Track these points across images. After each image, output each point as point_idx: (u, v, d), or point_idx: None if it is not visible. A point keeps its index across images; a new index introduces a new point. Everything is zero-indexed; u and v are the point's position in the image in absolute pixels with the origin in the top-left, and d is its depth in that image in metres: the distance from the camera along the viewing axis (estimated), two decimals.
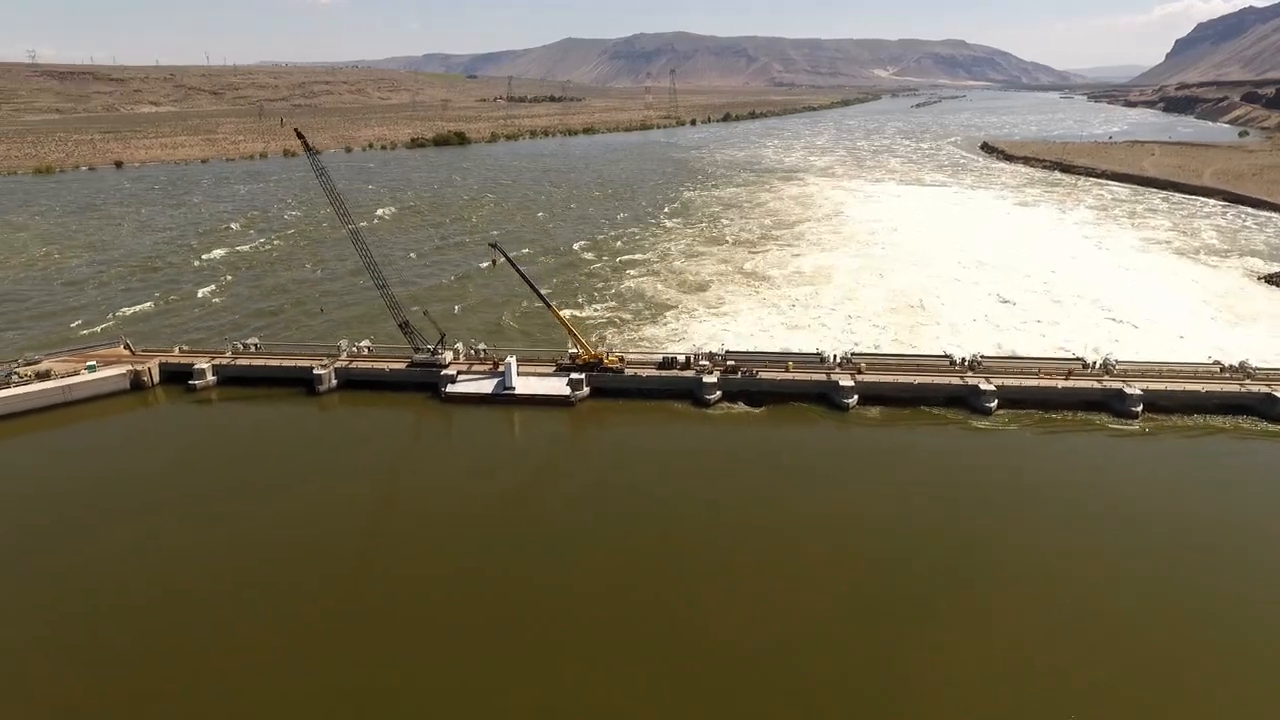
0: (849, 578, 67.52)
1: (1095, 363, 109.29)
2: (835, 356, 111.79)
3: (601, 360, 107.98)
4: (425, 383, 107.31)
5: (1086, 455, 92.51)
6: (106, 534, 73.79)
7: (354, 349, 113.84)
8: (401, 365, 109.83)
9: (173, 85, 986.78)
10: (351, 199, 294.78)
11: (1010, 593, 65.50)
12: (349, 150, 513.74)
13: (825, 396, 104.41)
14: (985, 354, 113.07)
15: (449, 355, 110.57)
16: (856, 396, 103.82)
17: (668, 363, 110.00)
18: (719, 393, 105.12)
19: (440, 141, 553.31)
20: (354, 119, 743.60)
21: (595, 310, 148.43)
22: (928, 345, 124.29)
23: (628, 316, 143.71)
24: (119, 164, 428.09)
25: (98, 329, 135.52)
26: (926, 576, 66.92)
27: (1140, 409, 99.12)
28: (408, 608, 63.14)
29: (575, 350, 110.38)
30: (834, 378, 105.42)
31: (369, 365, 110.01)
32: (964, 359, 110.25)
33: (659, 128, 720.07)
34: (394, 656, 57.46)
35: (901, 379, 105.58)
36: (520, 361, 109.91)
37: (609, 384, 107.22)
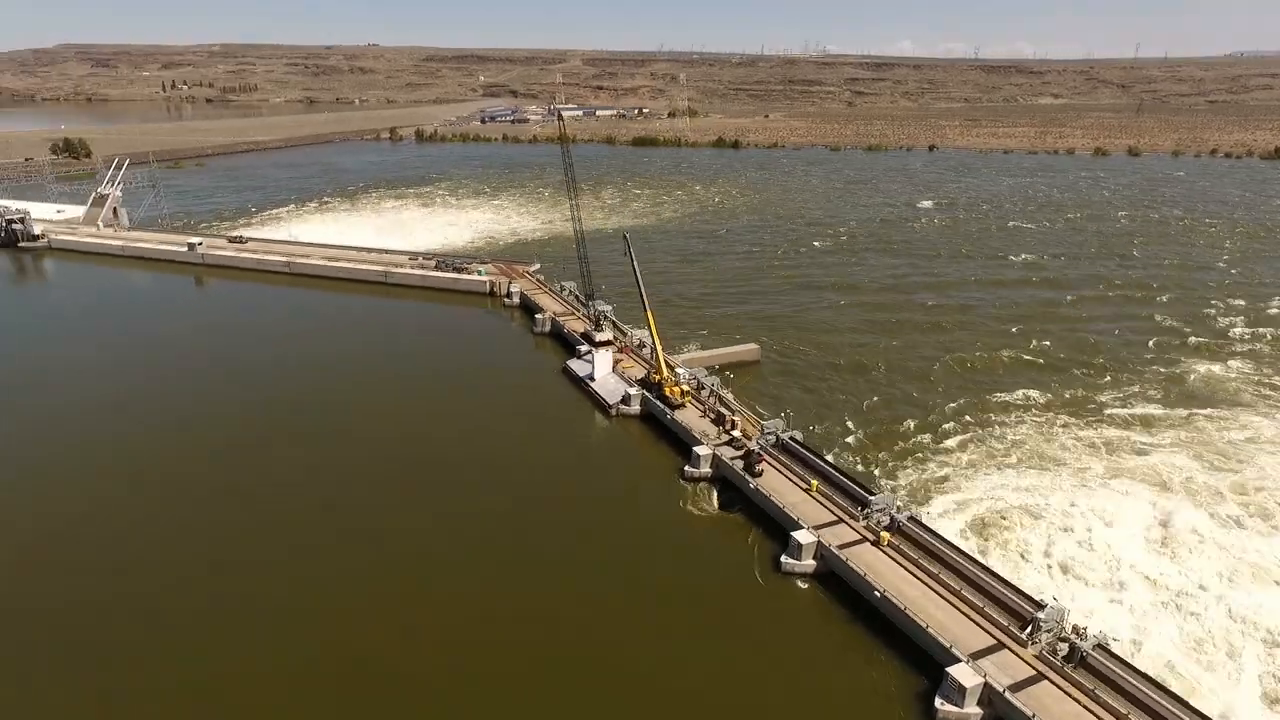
0: None
1: None
2: (894, 506, 69.44)
3: (662, 386, 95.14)
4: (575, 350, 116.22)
5: None
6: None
7: (596, 310, 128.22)
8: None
9: (1084, 78, 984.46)
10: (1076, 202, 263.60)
11: None
12: (1176, 155, 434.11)
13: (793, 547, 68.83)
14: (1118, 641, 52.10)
15: (604, 335, 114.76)
16: (813, 564, 65.84)
17: (718, 419, 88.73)
18: (707, 470, 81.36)
19: None
20: (1252, 119, 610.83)
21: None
22: None
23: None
24: (932, 147, 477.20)
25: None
26: None
27: None
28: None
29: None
30: (821, 530, 68.23)
31: (566, 325, 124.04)
32: (1070, 631, 53.86)
33: None
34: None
35: (894, 588, 60.57)
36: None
37: (654, 410, 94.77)
